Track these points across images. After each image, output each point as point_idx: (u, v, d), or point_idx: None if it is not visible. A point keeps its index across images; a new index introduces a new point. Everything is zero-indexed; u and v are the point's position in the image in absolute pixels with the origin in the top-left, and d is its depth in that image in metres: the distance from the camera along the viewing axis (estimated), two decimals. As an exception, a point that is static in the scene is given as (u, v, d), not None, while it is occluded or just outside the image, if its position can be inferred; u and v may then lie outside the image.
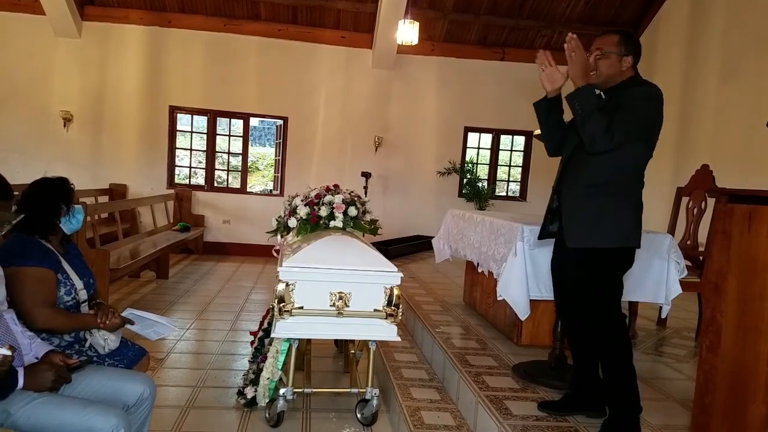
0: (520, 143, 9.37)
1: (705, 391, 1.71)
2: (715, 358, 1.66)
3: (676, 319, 4.51)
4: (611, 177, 2.32)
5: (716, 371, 1.66)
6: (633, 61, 2.41)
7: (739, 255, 1.61)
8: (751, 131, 5.95)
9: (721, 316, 1.65)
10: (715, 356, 1.66)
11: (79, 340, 2.29)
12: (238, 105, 8.73)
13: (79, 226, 2.42)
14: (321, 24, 8.60)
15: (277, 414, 2.92)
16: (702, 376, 1.73)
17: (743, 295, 1.58)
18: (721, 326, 1.65)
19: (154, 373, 3.59)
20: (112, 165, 8.47)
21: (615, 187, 2.33)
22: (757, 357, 1.51)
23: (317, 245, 2.94)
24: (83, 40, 8.28)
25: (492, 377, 2.98)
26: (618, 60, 2.40)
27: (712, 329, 1.68)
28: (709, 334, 1.70)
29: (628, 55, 2.40)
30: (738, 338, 1.59)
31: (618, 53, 2.40)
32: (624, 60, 2.40)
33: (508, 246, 3.55)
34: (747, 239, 1.58)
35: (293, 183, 8.55)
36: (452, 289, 5.48)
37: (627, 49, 2.40)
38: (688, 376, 3.18)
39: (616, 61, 2.41)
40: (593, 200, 2.35)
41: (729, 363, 1.62)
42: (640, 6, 8.30)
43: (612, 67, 2.41)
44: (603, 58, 2.42)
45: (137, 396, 2.07)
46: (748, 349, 1.55)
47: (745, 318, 1.57)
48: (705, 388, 1.71)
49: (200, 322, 4.97)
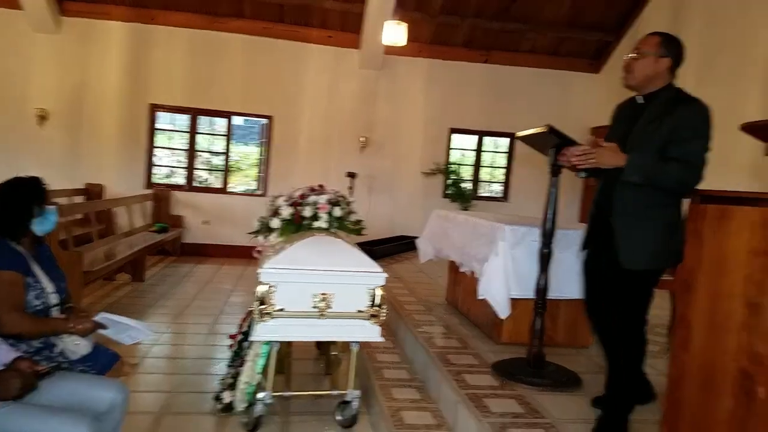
0: (504, 145, 9.44)
1: (676, 386, 1.74)
2: (686, 354, 1.69)
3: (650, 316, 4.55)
4: (664, 198, 2.31)
5: (687, 367, 1.69)
6: (671, 63, 2.37)
7: (710, 254, 1.64)
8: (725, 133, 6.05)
9: (692, 313, 1.68)
10: (686, 352, 1.69)
11: (48, 345, 2.20)
12: (221, 103, 8.64)
13: (52, 227, 2.34)
14: (308, 23, 8.57)
15: (255, 419, 2.88)
16: (673, 372, 1.76)
17: (713, 293, 1.61)
18: (692, 323, 1.68)
19: (128, 378, 3.50)
20: (89, 164, 8.29)
21: (666, 208, 2.33)
22: (726, 354, 1.55)
23: (300, 246, 2.92)
24: (62, 36, 8.12)
25: (472, 375, 3.00)
26: (654, 60, 2.36)
27: (683, 326, 1.71)
28: (680, 330, 1.73)
29: (666, 56, 2.36)
30: (708, 335, 1.62)
31: (655, 54, 2.36)
32: (660, 61, 2.36)
33: (490, 246, 3.58)
34: (718, 239, 1.61)
35: (277, 183, 8.50)
36: (435, 288, 5.49)
37: (666, 51, 2.36)
38: (660, 371, 3.22)
39: (652, 62, 2.36)
40: (650, 223, 2.33)
41: (699, 359, 1.65)
42: (623, 10, 8.40)
43: (647, 67, 2.37)
44: (639, 58, 2.38)
45: (109, 403, 2.01)
46: (717, 347, 1.58)
47: (714, 315, 1.60)
48: (676, 384, 1.74)
49: (177, 325, 4.87)
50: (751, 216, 1.51)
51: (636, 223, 2.35)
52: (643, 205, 2.34)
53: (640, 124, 2.40)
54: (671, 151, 2.24)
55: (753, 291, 1.48)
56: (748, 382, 1.48)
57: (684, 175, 2.21)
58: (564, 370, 3.06)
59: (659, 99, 2.37)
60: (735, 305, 1.53)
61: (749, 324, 1.49)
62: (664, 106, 2.34)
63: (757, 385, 1.45)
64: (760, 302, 1.46)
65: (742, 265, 1.52)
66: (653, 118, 2.34)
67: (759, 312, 1.46)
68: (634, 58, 2.40)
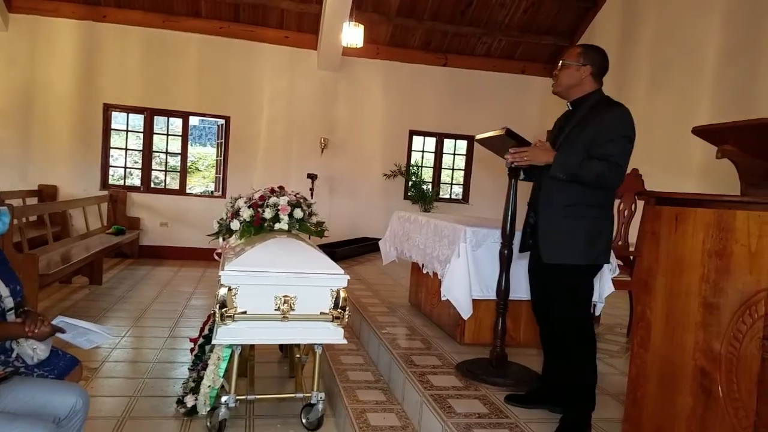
0: (463, 147, 9.56)
1: (636, 385, 1.78)
2: (645, 353, 1.74)
3: (609, 316, 4.70)
4: (587, 197, 2.44)
5: (647, 365, 1.74)
6: (592, 70, 2.52)
7: (666, 254, 1.70)
8: (677, 137, 6.31)
9: (651, 313, 1.73)
10: (645, 351, 1.74)
11: (4, 350, 2.14)
12: (177, 103, 8.46)
13: (5, 229, 2.28)
14: (264, 23, 8.48)
15: (219, 422, 2.84)
16: (634, 371, 1.80)
17: (671, 293, 1.66)
18: (651, 322, 1.73)
19: (88, 383, 3.44)
20: (42, 165, 8.03)
21: (591, 208, 2.44)
22: (684, 352, 1.60)
23: (261, 248, 2.89)
24: (10, 33, 7.82)
25: (436, 376, 3.02)
26: (576, 70, 2.54)
27: (642, 325, 1.77)
28: (639, 330, 1.78)
29: (585, 65, 2.52)
30: (666, 333, 1.67)
31: (576, 63, 2.53)
32: (581, 69, 2.53)
33: (451, 247, 3.61)
34: (674, 239, 1.67)
35: (236, 184, 8.36)
36: (398, 290, 5.51)
37: (585, 60, 2.53)
38: (620, 370, 3.32)
39: (574, 71, 2.54)
40: (569, 220, 2.46)
41: (658, 357, 1.70)
42: (575, 16, 8.64)
43: (570, 77, 2.56)
44: (563, 69, 2.57)
45: (69, 408, 1.97)
46: (676, 344, 1.63)
47: (672, 314, 1.65)
48: (636, 382, 1.78)
49: (136, 329, 4.78)
50: (706, 217, 1.57)
51: (555, 218, 2.51)
52: (565, 202, 2.48)
53: (567, 129, 2.59)
54: (595, 151, 2.40)
55: (708, 291, 1.54)
56: (706, 380, 1.53)
57: (603, 171, 2.35)
58: (526, 370, 3.12)
59: (585, 105, 2.56)
60: (692, 304, 1.58)
61: (705, 323, 1.54)
62: (588, 110, 2.52)
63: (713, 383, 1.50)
64: (715, 302, 1.52)
65: (697, 265, 1.58)
66: (578, 122, 2.53)
67: (714, 311, 1.52)
68: (559, 69, 2.60)
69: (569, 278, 2.48)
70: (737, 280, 1.46)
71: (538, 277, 2.68)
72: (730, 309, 1.48)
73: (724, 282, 1.50)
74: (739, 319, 1.45)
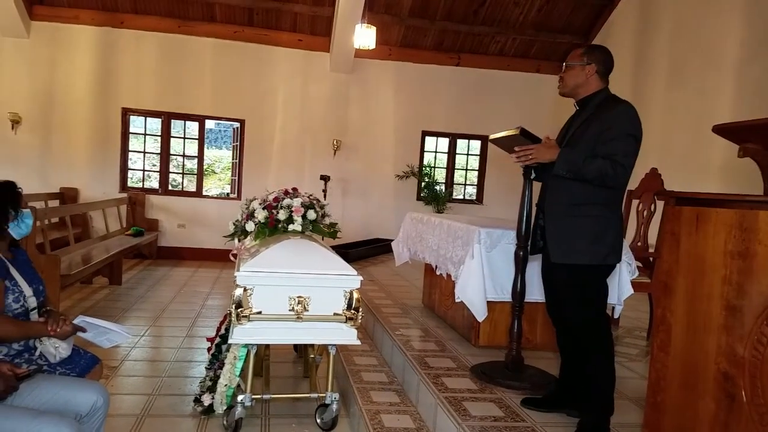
0: (477, 147, 9.51)
1: (657, 389, 1.75)
2: (666, 357, 1.71)
3: (628, 318, 4.65)
4: (591, 196, 2.42)
5: (667, 369, 1.70)
6: (597, 68, 2.52)
7: (687, 256, 1.66)
8: (697, 136, 6.22)
9: (671, 316, 1.70)
10: (666, 355, 1.71)
11: (28, 348, 2.20)
12: (193, 107, 8.56)
13: (29, 231, 2.33)
14: (278, 27, 8.53)
15: (236, 421, 2.86)
16: (654, 375, 1.77)
17: (692, 295, 1.63)
18: (672, 325, 1.70)
19: (108, 381, 3.48)
20: (63, 168, 8.19)
21: (595, 206, 2.43)
22: (706, 355, 1.56)
23: (276, 249, 2.90)
24: (32, 40, 7.99)
25: (451, 379, 3.01)
26: (581, 69, 2.54)
27: (662, 328, 1.73)
28: (660, 333, 1.75)
29: (590, 64, 2.52)
30: (687, 337, 1.64)
31: (580, 63, 2.53)
32: (586, 69, 2.52)
33: (465, 248, 3.59)
34: (694, 240, 1.64)
35: (251, 186, 8.42)
36: (411, 291, 5.50)
37: (589, 59, 2.52)
38: (640, 374, 3.28)
39: (579, 71, 2.54)
40: (574, 219, 2.45)
41: (679, 361, 1.66)
42: (590, 14, 8.57)
43: (576, 77, 2.56)
44: (567, 70, 2.58)
45: (90, 405, 2.01)
46: (697, 348, 1.59)
47: (694, 317, 1.62)
48: (657, 386, 1.75)
49: (155, 328, 4.84)
50: (727, 218, 1.54)
51: (561, 216, 2.50)
52: (569, 201, 2.46)
53: (573, 128, 2.58)
54: (599, 149, 2.38)
55: (731, 293, 1.51)
56: (729, 385, 1.50)
57: (607, 169, 2.33)
58: (543, 373, 3.09)
59: (591, 103, 2.55)
60: (713, 307, 1.55)
61: (728, 326, 1.51)
62: (594, 109, 2.51)
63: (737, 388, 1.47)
64: (737, 304, 1.49)
65: (719, 266, 1.54)
66: (584, 121, 2.52)
67: (737, 314, 1.49)
68: (564, 71, 2.60)
69: (577, 278, 2.45)
70: (761, 281, 1.43)
71: (550, 278, 2.66)
72: (753, 312, 1.44)
73: (747, 284, 1.46)
74: (763, 322, 1.41)
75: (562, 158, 2.43)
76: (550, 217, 2.55)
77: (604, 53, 2.56)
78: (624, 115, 2.39)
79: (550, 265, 2.57)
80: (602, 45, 2.62)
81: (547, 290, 2.73)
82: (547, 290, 2.73)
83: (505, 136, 2.76)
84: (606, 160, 2.33)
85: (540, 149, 2.53)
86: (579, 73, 2.54)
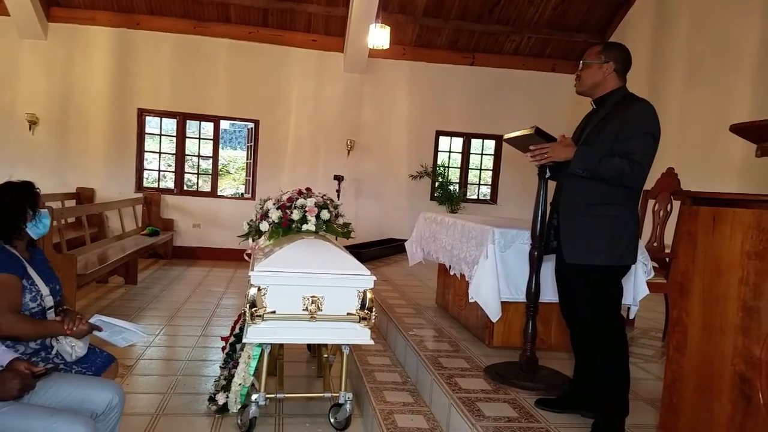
0: (491, 147, 9.47)
1: (672, 391, 1.74)
2: (681, 358, 1.69)
3: (644, 319, 4.60)
4: (608, 196, 2.39)
5: (683, 371, 1.69)
6: (615, 67, 2.49)
7: (704, 256, 1.65)
8: (714, 134, 6.13)
9: (687, 317, 1.68)
10: (681, 356, 1.69)
11: (45, 347, 2.23)
12: (208, 108, 8.62)
13: (46, 230, 2.36)
14: (292, 27, 8.56)
15: (250, 420, 2.88)
16: (669, 376, 1.75)
17: (708, 296, 1.61)
18: (688, 326, 1.68)
19: (123, 380, 3.52)
20: (80, 168, 8.30)
21: (612, 206, 2.40)
22: (722, 356, 1.54)
23: (290, 249, 2.92)
24: (49, 41, 8.10)
25: (464, 379, 3.00)
26: (598, 68, 2.50)
27: (678, 329, 1.72)
28: (675, 334, 1.73)
29: (607, 62, 2.49)
30: (704, 338, 1.62)
31: (597, 61, 2.50)
32: (603, 67, 2.49)
33: (479, 248, 3.58)
34: (711, 241, 1.62)
35: (265, 186, 8.47)
36: (425, 291, 5.50)
37: (606, 57, 2.49)
38: (656, 375, 3.25)
39: (596, 69, 2.51)
40: (590, 219, 2.43)
41: (695, 362, 1.65)
42: (607, 11, 8.49)
43: (593, 75, 2.53)
44: (585, 68, 2.54)
45: (106, 404, 2.03)
46: (714, 349, 1.58)
47: (710, 318, 1.60)
48: (672, 388, 1.74)
49: (170, 328, 4.88)
50: (745, 218, 1.52)
51: (575, 217, 2.48)
52: (585, 201, 2.44)
53: (590, 127, 2.56)
54: (616, 148, 2.35)
55: (748, 294, 1.49)
56: (746, 387, 1.48)
57: (624, 168, 2.30)
58: (557, 374, 3.07)
59: (608, 102, 2.52)
60: (730, 308, 1.53)
61: (745, 327, 1.49)
62: (611, 107, 2.48)
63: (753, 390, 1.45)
64: (755, 305, 1.47)
65: (736, 267, 1.53)
66: (601, 119, 2.49)
67: (754, 315, 1.47)
68: (581, 69, 2.57)
69: (592, 279, 2.43)
70: (779, 282, 1.41)
71: (564, 278, 2.64)
72: (771, 313, 1.42)
73: (765, 285, 1.44)
74: (781, 323, 1.40)
75: (579, 156, 2.41)
76: (566, 217, 2.53)
77: (622, 51, 2.52)
78: (643, 113, 2.36)
79: (564, 266, 2.55)
80: (620, 42, 2.59)
81: (560, 290, 2.71)
82: (560, 290, 2.71)
83: (520, 136, 2.75)
84: (623, 159, 2.30)
85: (556, 147, 2.51)
86: (596, 72, 2.51)
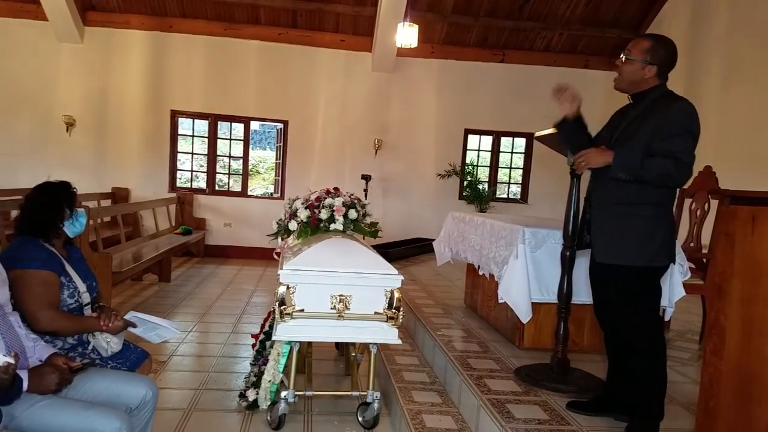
0: (521, 145, 9.36)
1: (709, 395, 1.69)
2: (719, 361, 1.65)
3: (680, 321, 4.49)
4: (644, 196, 2.33)
5: (720, 374, 1.64)
6: (657, 71, 2.39)
7: (742, 257, 1.60)
8: (754, 132, 5.94)
9: (725, 319, 1.64)
10: (719, 359, 1.65)
11: (82, 342, 2.30)
12: (238, 109, 8.74)
13: (83, 229, 2.43)
14: (320, 27, 8.62)
15: (279, 417, 2.91)
16: (706, 379, 1.71)
17: (747, 298, 1.57)
18: (725, 329, 1.63)
19: (156, 375, 3.59)
20: (115, 169, 8.52)
21: (647, 206, 2.34)
22: (762, 360, 1.50)
23: (318, 248, 2.93)
24: (85, 45, 8.33)
25: (494, 380, 2.97)
26: (641, 68, 2.40)
27: (716, 332, 1.67)
28: (713, 336, 1.69)
29: (651, 65, 2.38)
30: (742, 341, 1.58)
31: (642, 61, 2.39)
32: (646, 68, 2.39)
33: (509, 248, 3.54)
34: (750, 241, 1.57)
35: (294, 186, 8.55)
36: (453, 291, 5.47)
37: (653, 59, 2.38)
38: (692, 379, 3.16)
39: (639, 69, 2.41)
40: (625, 219, 2.37)
41: (733, 366, 1.60)
42: (641, 7, 8.30)
43: (634, 74, 2.42)
44: (627, 63, 2.44)
45: (140, 398, 2.07)
46: (753, 352, 1.53)
47: (749, 320, 1.56)
48: (709, 392, 1.69)
49: (202, 324, 4.97)
50: (786, 218, 1.47)
51: (608, 216, 2.42)
52: (618, 200, 2.38)
53: (624, 123, 2.47)
54: (655, 148, 2.27)
55: (789, 296, 1.44)
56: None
57: (669, 169, 2.22)
58: (590, 376, 3.01)
59: (646, 99, 2.42)
60: (770, 310, 1.48)
61: (786, 329, 1.44)
62: (649, 105, 2.39)
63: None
64: (797, 307, 1.42)
65: (776, 268, 1.47)
66: (638, 116, 2.40)
67: (796, 317, 1.42)
68: (623, 62, 2.45)
69: (625, 280, 2.37)
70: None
71: (597, 278, 2.58)
72: (814, 316, 1.37)
73: (807, 287, 1.39)
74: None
75: (619, 161, 2.32)
76: (598, 216, 2.48)
77: (670, 53, 2.40)
78: (683, 111, 2.28)
79: (598, 266, 2.50)
80: (668, 38, 2.44)
81: (594, 291, 2.65)
82: (594, 291, 2.65)
83: (552, 134, 2.71)
84: (667, 159, 2.22)
85: (591, 154, 2.43)
86: (638, 71, 2.40)
